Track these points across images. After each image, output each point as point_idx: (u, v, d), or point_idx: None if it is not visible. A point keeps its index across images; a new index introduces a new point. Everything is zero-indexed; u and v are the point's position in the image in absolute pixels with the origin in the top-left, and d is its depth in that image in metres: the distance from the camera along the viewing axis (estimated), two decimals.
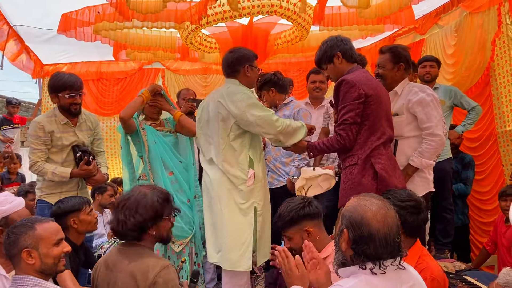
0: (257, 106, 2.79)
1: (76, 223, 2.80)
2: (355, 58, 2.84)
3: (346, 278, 1.62)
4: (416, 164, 2.88)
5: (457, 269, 3.44)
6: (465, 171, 4.49)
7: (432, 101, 2.93)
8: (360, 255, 1.57)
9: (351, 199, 1.71)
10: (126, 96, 7.00)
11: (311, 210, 2.24)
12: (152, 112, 3.53)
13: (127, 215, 2.02)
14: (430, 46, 5.41)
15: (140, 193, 2.08)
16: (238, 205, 2.84)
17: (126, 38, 4.57)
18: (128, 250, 2.08)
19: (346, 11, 4.23)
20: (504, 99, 4.40)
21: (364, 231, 1.56)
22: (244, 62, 2.95)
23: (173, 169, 3.43)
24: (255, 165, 2.90)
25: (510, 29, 4.18)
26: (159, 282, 1.92)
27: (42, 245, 1.94)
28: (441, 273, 2.17)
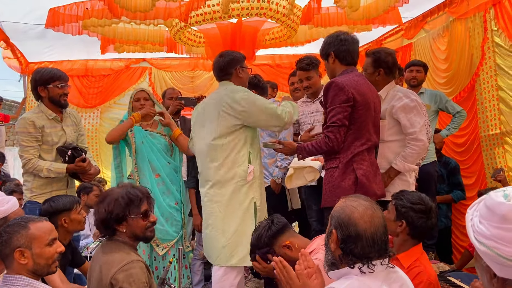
0: (261, 102, 2.90)
1: (67, 222, 2.77)
2: (350, 60, 2.83)
3: (337, 280, 1.64)
4: (399, 168, 2.92)
5: (441, 271, 3.51)
6: (454, 176, 4.55)
7: (415, 106, 2.96)
8: (348, 255, 1.60)
9: (339, 200, 1.74)
10: (111, 90, 6.89)
11: (277, 226, 2.24)
12: (136, 109, 3.51)
13: (96, 211, 2.13)
14: (418, 50, 5.49)
15: (111, 191, 2.13)
16: (239, 204, 2.90)
17: (115, 32, 4.54)
18: (107, 244, 2.12)
19: (334, 11, 4.26)
20: (488, 103, 4.49)
21: (352, 231, 1.60)
22: (235, 64, 3.03)
23: (160, 171, 3.42)
24: (253, 162, 2.96)
25: (496, 35, 4.27)
26: (119, 277, 1.92)
27: (35, 245, 1.91)
28: (436, 279, 2.21)
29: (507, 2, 4.02)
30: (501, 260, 0.99)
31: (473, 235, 1.07)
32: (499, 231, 1.00)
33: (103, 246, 2.13)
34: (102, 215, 2.07)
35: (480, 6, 4.37)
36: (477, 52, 4.50)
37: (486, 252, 1.02)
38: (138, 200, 2.12)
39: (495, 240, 1.00)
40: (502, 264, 1.00)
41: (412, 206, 2.28)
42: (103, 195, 2.15)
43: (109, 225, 2.09)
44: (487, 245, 1.02)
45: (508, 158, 4.33)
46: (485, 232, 1.03)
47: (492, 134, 4.47)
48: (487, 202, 1.06)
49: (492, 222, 1.02)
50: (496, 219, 1.01)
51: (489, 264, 1.04)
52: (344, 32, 2.88)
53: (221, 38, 4.44)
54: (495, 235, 1.00)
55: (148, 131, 3.51)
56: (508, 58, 4.19)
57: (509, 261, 0.98)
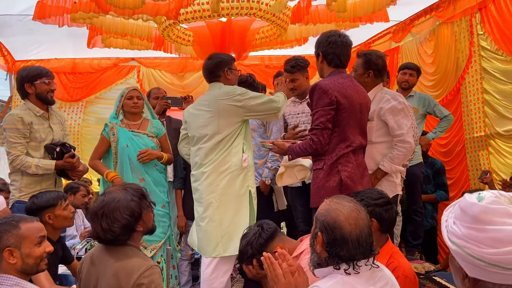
0: (255, 96, 3.06)
1: (52, 219, 2.74)
2: (338, 63, 2.84)
3: (322, 279, 1.66)
4: (386, 169, 2.96)
5: (427, 270, 3.54)
6: (439, 177, 4.61)
7: (403, 109, 3.00)
8: (334, 257, 1.62)
9: (323, 202, 1.75)
10: (96, 84, 6.78)
11: (267, 233, 2.22)
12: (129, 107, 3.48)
13: (109, 223, 1.98)
14: (405, 53, 5.55)
15: (114, 198, 2.03)
16: (236, 192, 2.98)
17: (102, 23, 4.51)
18: (116, 249, 2.05)
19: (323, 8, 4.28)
20: (473, 106, 4.56)
21: (337, 234, 1.61)
22: (223, 66, 3.12)
23: (144, 175, 3.39)
24: (247, 151, 3.06)
25: (482, 39, 4.33)
26: (143, 282, 1.91)
27: (25, 245, 1.90)
28: (412, 271, 2.25)
29: (493, 6, 4.09)
30: (471, 260, 1.02)
31: (446, 235, 1.09)
32: (470, 231, 1.02)
33: (109, 251, 2.05)
34: (124, 221, 1.99)
35: (466, 11, 4.44)
36: (463, 55, 4.57)
37: (458, 251, 1.05)
38: (145, 194, 2.14)
39: (466, 240, 1.03)
40: (472, 264, 1.02)
41: (376, 202, 2.32)
42: (107, 202, 2.02)
43: (133, 228, 2.04)
44: (459, 244, 1.04)
45: (492, 160, 4.40)
46: (457, 232, 1.05)
47: (476, 136, 4.54)
48: (461, 204, 1.08)
49: (464, 222, 1.05)
50: (468, 219, 1.04)
51: (461, 264, 1.07)
52: (336, 34, 2.86)
53: (211, 37, 4.43)
54: (466, 235, 1.03)
55: (135, 132, 3.47)
56: (494, 61, 4.26)
57: (478, 261, 1.00)
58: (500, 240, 0.98)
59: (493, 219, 1.01)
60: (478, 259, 1.00)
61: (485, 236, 1.00)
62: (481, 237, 1.01)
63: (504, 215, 1.01)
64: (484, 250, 0.99)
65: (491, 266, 0.99)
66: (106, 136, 3.43)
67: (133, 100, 3.46)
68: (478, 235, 1.01)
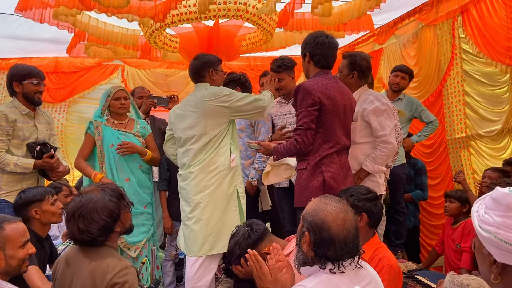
0: (241, 97, 3.07)
1: (38, 214, 2.71)
2: (325, 64, 2.87)
3: (307, 278, 1.68)
4: (369, 169, 3.00)
5: (409, 269, 3.60)
6: (419, 177, 4.69)
7: (386, 110, 3.05)
8: (321, 257, 1.63)
9: (311, 201, 1.76)
10: (80, 84, 6.70)
11: (257, 234, 2.23)
12: (116, 108, 3.45)
13: (87, 224, 1.94)
14: (388, 55, 5.63)
15: (91, 198, 1.99)
16: (223, 192, 3.00)
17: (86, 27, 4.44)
18: (91, 250, 2.02)
19: (309, 16, 4.32)
20: (455, 108, 4.65)
21: (325, 235, 1.62)
22: (208, 67, 3.14)
23: (129, 175, 3.37)
24: (234, 152, 3.08)
25: (464, 41, 4.42)
26: (117, 282, 1.88)
27: (9, 247, 1.89)
28: (396, 262, 2.32)
29: (474, 10, 4.18)
30: (503, 245, 1.10)
31: (477, 223, 1.18)
32: (503, 219, 1.11)
33: (85, 252, 2.02)
34: (102, 222, 1.95)
35: (448, 14, 4.52)
36: (445, 58, 4.65)
37: (490, 238, 1.13)
38: (123, 194, 2.11)
39: (498, 227, 1.11)
40: (503, 249, 1.11)
41: (366, 197, 2.39)
42: (85, 203, 1.97)
43: (111, 229, 2.01)
44: (490, 231, 1.13)
45: (473, 160, 4.50)
46: (490, 220, 1.14)
47: (458, 137, 4.64)
48: (493, 195, 1.17)
49: (497, 211, 1.14)
50: (502, 208, 1.13)
51: (490, 251, 1.15)
52: (323, 34, 2.89)
53: (198, 42, 4.42)
54: (499, 222, 1.12)
55: (121, 131, 3.44)
56: (475, 64, 4.35)
57: (510, 246, 1.09)
58: None
59: None
60: (510, 244, 1.09)
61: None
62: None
63: None
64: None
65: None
66: (92, 134, 3.37)
67: (120, 101, 3.43)
68: (509, 222, 1.10)
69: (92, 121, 3.41)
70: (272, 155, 2.96)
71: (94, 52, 5.23)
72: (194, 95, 3.13)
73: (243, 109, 3.07)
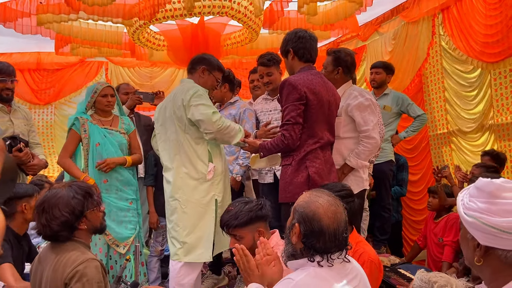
0: (203, 104, 2.91)
1: (27, 209, 2.73)
2: (309, 57, 2.89)
3: (295, 271, 1.69)
4: (352, 164, 3.03)
5: (392, 263, 3.67)
6: (400, 172, 4.74)
7: (369, 105, 3.09)
8: (310, 249, 1.65)
9: (303, 194, 1.78)
10: (65, 85, 6.63)
11: (265, 212, 2.28)
12: (102, 105, 3.41)
13: (48, 219, 1.95)
14: (370, 52, 5.69)
15: (56, 194, 2.00)
16: (199, 200, 2.95)
17: (70, 31, 4.38)
18: (59, 245, 2.02)
19: (295, 16, 4.35)
20: (436, 104, 4.73)
21: (315, 226, 1.64)
22: (202, 64, 3.11)
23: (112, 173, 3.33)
24: (214, 159, 3.02)
25: (443, 39, 4.50)
26: (74, 276, 1.87)
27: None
28: (376, 256, 2.37)
29: (455, 8, 4.25)
30: (486, 228, 1.22)
31: (462, 210, 1.30)
32: (486, 205, 1.24)
33: (54, 247, 2.02)
34: (63, 218, 1.95)
35: (429, 11, 4.59)
36: (423, 54, 4.71)
37: (474, 222, 1.25)
38: (91, 192, 2.09)
39: (482, 212, 1.24)
40: (486, 232, 1.23)
41: (338, 194, 2.39)
42: (48, 198, 1.98)
43: (72, 225, 2.00)
44: (475, 216, 1.25)
45: (454, 156, 4.59)
46: (474, 206, 1.26)
47: (439, 133, 4.72)
48: (477, 185, 1.29)
49: (480, 198, 1.26)
50: (485, 195, 1.25)
51: (474, 235, 1.27)
52: (302, 30, 2.94)
53: (183, 40, 4.41)
54: (482, 208, 1.24)
55: (107, 129, 3.42)
56: (452, 63, 4.43)
57: (492, 229, 1.21)
58: (510, 211, 1.21)
59: (506, 194, 1.24)
60: (492, 227, 1.21)
61: (498, 208, 1.22)
62: (495, 209, 1.23)
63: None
64: (498, 219, 1.21)
65: (502, 232, 1.20)
66: (78, 131, 3.32)
67: (107, 98, 3.40)
68: (493, 207, 1.23)
69: (78, 118, 3.35)
70: (258, 152, 2.97)
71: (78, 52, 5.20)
72: (175, 91, 3.12)
73: (194, 114, 2.89)
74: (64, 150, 3.36)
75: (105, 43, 4.79)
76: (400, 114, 4.56)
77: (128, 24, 4.08)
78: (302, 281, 1.60)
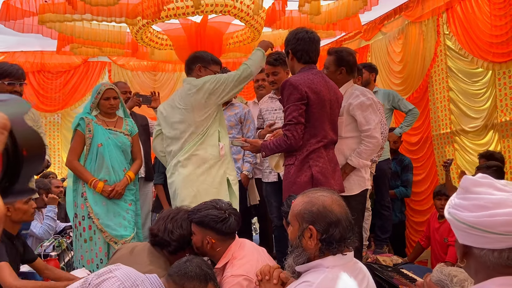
0: (225, 79, 3.04)
1: (10, 211, 2.66)
2: (307, 59, 2.87)
3: (308, 274, 1.63)
4: (354, 163, 3.01)
5: (394, 263, 3.65)
6: (405, 173, 4.72)
7: (371, 105, 3.07)
8: (331, 243, 1.60)
9: (296, 200, 1.73)
10: (70, 92, 6.71)
11: (223, 228, 2.23)
12: (105, 108, 3.41)
13: (174, 226, 2.20)
14: (374, 52, 5.67)
15: (187, 212, 2.25)
16: (212, 180, 2.99)
17: (72, 31, 4.38)
18: (156, 255, 2.21)
19: (297, 14, 4.34)
20: (440, 104, 4.72)
21: (332, 217, 1.60)
22: (196, 62, 3.12)
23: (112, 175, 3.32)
24: (223, 140, 3.08)
25: (448, 38, 4.48)
26: None
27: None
28: None
29: (459, 7, 4.23)
30: (459, 225, 1.17)
31: (446, 209, 1.24)
32: (460, 201, 1.19)
33: (152, 253, 2.24)
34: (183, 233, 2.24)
35: (434, 10, 4.58)
36: (430, 54, 4.71)
37: (449, 219, 1.21)
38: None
39: (456, 208, 1.19)
40: (459, 229, 1.17)
41: None
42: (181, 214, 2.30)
43: (184, 246, 2.24)
44: (450, 213, 1.20)
45: (457, 156, 4.57)
46: (451, 203, 1.22)
47: (443, 133, 4.70)
48: (460, 183, 1.23)
49: (458, 194, 1.21)
50: (461, 191, 1.20)
51: (454, 233, 1.21)
52: (303, 30, 2.89)
53: (187, 38, 4.41)
54: (457, 203, 1.19)
55: (112, 130, 3.41)
56: (457, 61, 4.41)
57: (462, 224, 1.15)
58: (480, 206, 1.14)
59: (478, 189, 1.17)
60: (462, 223, 1.15)
61: (469, 203, 1.16)
62: (466, 204, 1.17)
63: (489, 186, 1.17)
64: (467, 213, 1.15)
65: (472, 228, 1.13)
66: (82, 132, 3.31)
67: (110, 101, 3.37)
68: (464, 202, 1.17)
69: (83, 118, 3.34)
70: (259, 152, 2.95)
71: (81, 52, 5.21)
72: (181, 90, 3.13)
73: (231, 90, 3.05)
74: (72, 152, 3.33)
75: (108, 43, 4.79)
76: (392, 110, 4.57)
77: (131, 23, 4.08)
78: (322, 284, 1.55)
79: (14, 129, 0.61)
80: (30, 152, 0.63)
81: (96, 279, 1.76)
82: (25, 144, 0.62)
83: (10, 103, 0.65)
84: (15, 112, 0.63)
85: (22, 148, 0.62)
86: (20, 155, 0.62)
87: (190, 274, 1.82)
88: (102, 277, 1.76)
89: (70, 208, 3.38)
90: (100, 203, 3.24)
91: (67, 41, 4.75)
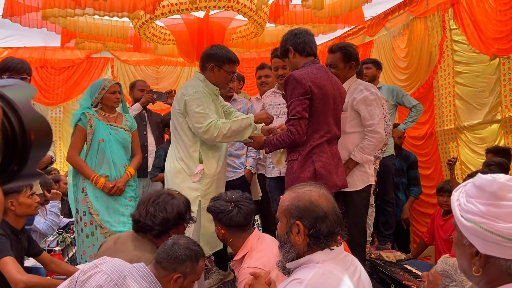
0: (198, 113, 2.85)
1: (14, 205, 2.66)
2: (309, 51, 2.86)
3: (300, 270, 1.62)
4: (357, 159, 3.00)
5: (398, 259, 3.64)
6: (412, 170, 4.69)
7: (375, 99, 3.05)
8: (318, 238, 1.58)
9: (285, 194, 1.72)
10: (72, 86, 6.72)
11: (223, 218, 2.27)
12: (111, 102, 3.41)
13: (156, 209, 2.15)
14: (378, 47, 5.64)
15: (169, 194, 2.23)
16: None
17: (76, 25, 4.39)
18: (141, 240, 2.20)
19: (301, 9, 4.32)
20: (444, 100, 4.69)
21: (318, 212, 1.59)
22: (211, 61, 3.01)
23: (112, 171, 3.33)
24: (205, 161, 2.96)
25: (454, 33, 4.45)
26: None
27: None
28: None
29: (465, 2, 4.20)
30: (488, 235, 1.03)
31: (459, 213, 1.10)
32: (488, 208, 1.04)
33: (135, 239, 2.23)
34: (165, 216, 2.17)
35: (439, 6, 4.54)
36: (436, 50, 4.68)
37: (473, 228, 1.05)
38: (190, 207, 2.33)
39: (482, 216, 1.04)
40: (488, 240, 1.04)
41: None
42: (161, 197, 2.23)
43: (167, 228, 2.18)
44: (474, 221, 1.05)
45: (461, 152, 4.55)
46: (474, 209, 1.06)
47: (447, 129, 4.68)
48: (476, 182, 1.09)
49: (480, 199, 1.06)
50: (487, 196, 1.05)
51: (472, 242, 1.08)
52: (296, 28, 2.95)
53: (189, 34, 4.40)
54: (483, 211, 1.04)
55: (112, 125, 3.42)
56: (464, 56, 4.38)
57: (496, 236, 1.02)
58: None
59: (510, 195, 1.03)
60: (496, 234, 1.01)
61: (502, 212, 1.02)
62: (498, 212, 1.02)
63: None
64: (503, 225, 1.01)
65: (508, 241, 1.01)
66: (84, 127, 3.30)
67: (116, 95, 3.39)
68: (496, 210, 1.03)
69: (85, 113, 3.33)
70: (263, 148, 2.94)
71: (84, 46, 5.22)
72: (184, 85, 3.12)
73: (190, 119, 2.89)
74: (73, 148, 3.32)
75: (111, 37, 4.80)
76: (396, 106, 4.54)
77: (134, 17, 4.07)
78: (313, 280, 1.53)
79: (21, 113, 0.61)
80: (38, 136, 0.63)
81: (83, 275, 1.74)
82: (33, 128, 0.62)
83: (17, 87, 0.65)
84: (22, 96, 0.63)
85: (30, 131, 0.62)
86: (28, 139, 0.62)
87: (181, 258, 1.81)
88: (88, 273, 1.73)
89: (73, 203, 3.40)
90: (101, 199, 3.25)
91: (70, 35, 4.76)
